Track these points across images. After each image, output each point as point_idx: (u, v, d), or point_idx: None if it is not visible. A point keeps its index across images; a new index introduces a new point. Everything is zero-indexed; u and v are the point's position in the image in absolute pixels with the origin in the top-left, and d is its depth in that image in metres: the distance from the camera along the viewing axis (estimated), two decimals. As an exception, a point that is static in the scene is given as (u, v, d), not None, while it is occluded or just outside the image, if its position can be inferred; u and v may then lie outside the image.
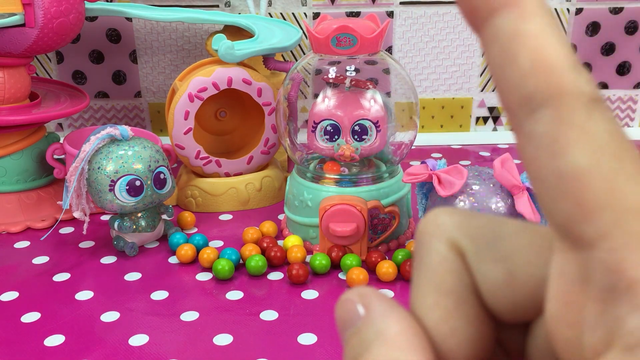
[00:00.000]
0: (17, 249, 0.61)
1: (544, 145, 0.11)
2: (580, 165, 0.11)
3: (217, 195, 0.68)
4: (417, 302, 0.14)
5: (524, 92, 0.12)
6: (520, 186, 0.47)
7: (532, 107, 0.12)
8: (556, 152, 0.11)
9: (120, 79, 0.88)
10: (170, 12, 0.71)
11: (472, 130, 0.93)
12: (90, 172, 0.56)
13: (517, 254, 0.13)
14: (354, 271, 0.53)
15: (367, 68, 0.59)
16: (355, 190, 0.58)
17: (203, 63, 0.68)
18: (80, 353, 0.46)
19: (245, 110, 0.73)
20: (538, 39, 0.11)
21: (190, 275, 0.56)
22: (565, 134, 0.11)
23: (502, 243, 0.13)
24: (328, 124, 0.58)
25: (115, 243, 0.60)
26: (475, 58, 0.89)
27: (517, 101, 0.12)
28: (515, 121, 0.12)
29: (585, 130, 0.11)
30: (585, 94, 0.11)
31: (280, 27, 0.71)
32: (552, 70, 0.11)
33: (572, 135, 0.11)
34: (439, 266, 0.14)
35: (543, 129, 0.11)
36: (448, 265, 0.14)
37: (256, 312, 0.51)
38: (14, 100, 0.65)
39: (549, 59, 0.11)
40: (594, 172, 0.11)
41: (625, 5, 0.86)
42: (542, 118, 0.11)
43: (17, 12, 0.60)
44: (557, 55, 0.11)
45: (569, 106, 0.11)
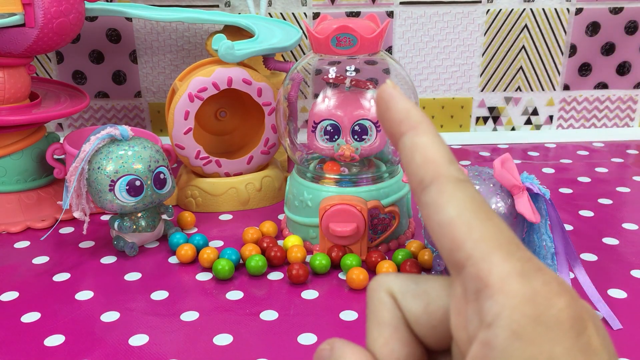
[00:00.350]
0: (17, 249, 0.61)
1: (431, 208, 0.18)
2: (451, 216, 0.17)
3: (217, 195, 0.68)
4: (367, 337, 0.20)
5: (419, 177, 0.18)
6: (520, 186, 0.47)
7: (424, 186, 0.18)
8: (437, 210, 0.18)
9: (120, 79, 0.88)
10: (170, 12, 0.71)
11: (472, 130, 0.93)
12: (90, 172, 0.56)
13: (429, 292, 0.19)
14: (354, 271, 0.53)
15: (367, 68, 0.59)
16: (355, 190, 0.58)
17: (203, 63, 0.68)
18: (80, 353, 0.46)
19: (245, 110, 0.73)
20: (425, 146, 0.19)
21: (190, 275, 0.56)
22: (442, 199, 0.18)
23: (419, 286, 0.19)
24: (328, 124, 0.58)
25: (115, 243, 0.60)
26: (475, 58, 0.89)
27: (416, 183, 0.18)
28: (417, 197, 0.19)
29: (453, 196, 0.18)
30: (454, 176, 0.18)
31: (280, 27, 0.71)
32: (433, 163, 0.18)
33: (445, 199, 0.18)
34: (379, 307, 0.19)
35: (430, 198, 0.18)
36: (385, 306, 0.19)
37: (256, 312, 0.51)
38: (14, 100, 0.65)
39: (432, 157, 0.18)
40: (459, 219, 0.17)
41: (625, 5, 0.86)
42: (430, 191, 0.18)
43: (17, 12, 0.60)
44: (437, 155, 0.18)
45: (443, 183, 0.18)
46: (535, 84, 0.91)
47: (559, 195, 0.72)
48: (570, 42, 0.88)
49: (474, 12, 0.86)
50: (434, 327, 0.19)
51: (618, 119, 0.94)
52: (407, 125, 0.19)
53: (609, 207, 0.68)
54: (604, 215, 0.66)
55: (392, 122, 0.19)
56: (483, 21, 0.87)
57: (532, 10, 0.86)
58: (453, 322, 0.18)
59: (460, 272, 0.17)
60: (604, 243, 0.60)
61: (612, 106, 0.93)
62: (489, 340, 0.16)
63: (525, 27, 0.87)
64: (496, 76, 0.90)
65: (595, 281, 0.52)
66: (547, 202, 0.48)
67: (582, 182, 0.75)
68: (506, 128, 0.93)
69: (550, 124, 0.93)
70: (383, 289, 0.20)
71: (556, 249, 0.49)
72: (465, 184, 0.18)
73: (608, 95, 0.92)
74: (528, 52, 0.89)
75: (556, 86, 0.91)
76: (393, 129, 0.19)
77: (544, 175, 0.77)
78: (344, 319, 0.50)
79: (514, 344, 0.15)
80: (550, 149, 0.87)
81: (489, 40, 0.88)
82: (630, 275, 0.55)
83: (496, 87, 0.91)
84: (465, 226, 0.17)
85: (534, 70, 0.90)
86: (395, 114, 0.19)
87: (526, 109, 0.92)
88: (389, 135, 0.20)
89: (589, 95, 0.92)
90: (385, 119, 0.20)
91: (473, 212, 0.17)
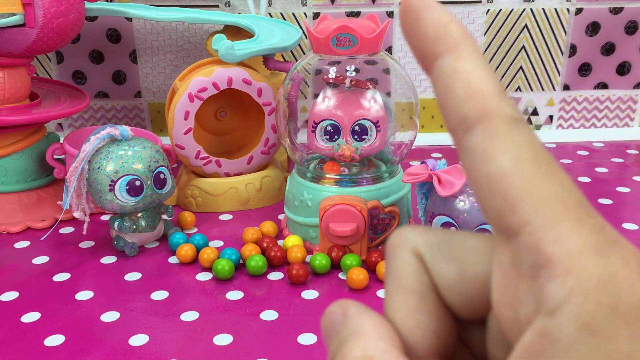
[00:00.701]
0: (17, 249, 0.61)
1: (476, 155, 0.14)
2: (504, 168, 0.14)
3: (217, 195, 0.68)
4: (387, 304, 0.16)
5: (460, 114, 0.15)
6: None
7: (467, 126, 0.14)
8: (486, 159, 0.14)
9: (120, 79, 0.88)
10: (170, 12, 0.71)
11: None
12: (90, 172, 0.56)
13: (466, 255, 0.16)
14: (354, 271, 0.53)
15: (367, 68, 0.59)
16: (355, 190, 0.58)
17: (203, 63, 0.68)
18: (80, 353, 0.46)
19: (245, 110, 0.73)
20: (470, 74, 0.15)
21: (190, 275, 0.56)
22: (492, 145, 0.14)
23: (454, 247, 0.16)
24: (328, 124, 0.58)
25: (115, 243, 0.60)
26: (475, 58, 0.89)
27: (456, 122, 0.15)
28: (456, 139, 0.15)
29: (507, 141, 0.14)
30: (507, 114, 0.14)
31: (280, 27, 0.71)
32: (480, 96, 0.14)
33: (497, 146, 0.14)
34: (403, 270, 0.16)
35: (475, 143, 0.14)
36: (410, 269, 0.16)
37: (256, 312, 0.51)
38: (14, 100, 0.65)
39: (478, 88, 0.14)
40: (515, 173, 0.14)
41: (625, 5, 0.86)
42: (475, 134, 0.14)
43: (17, 12, 0.60)
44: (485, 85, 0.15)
45: (494, 124, 0.14)
46: (535, 84, 0.91)
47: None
48: (570, 42, 0.88)
49: (474, 12, 0.86)
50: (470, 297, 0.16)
51: (618, 119, 0.94)
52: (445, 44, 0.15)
53: (609, 207, 0.68)
54: (604, 215, 0.66)
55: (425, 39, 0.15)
56: (483, 21, 0.87)
57: (532, 10, 0.86)
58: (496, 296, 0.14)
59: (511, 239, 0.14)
60: (604, 243, 0.60)
61: (612, 106, 0.93)
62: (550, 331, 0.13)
63: (525, 27, 0.87)
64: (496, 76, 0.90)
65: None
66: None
67: (582, 182, 0.75)
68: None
69: (550, 124, 0.93)
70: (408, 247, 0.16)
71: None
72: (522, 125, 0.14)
73: (608, 95, 0.92)
74: (528, 52, 0.89)
75: (556, 86, 0.91)
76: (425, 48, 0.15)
77: (544, 175, 0.77)
78: (344, 319, 0.49)
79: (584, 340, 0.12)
80: (550, 149, 0.87)
81: (489, 40, 0.88)
82: (630, 275, 0.55)
83: (496, 87, 0.90)
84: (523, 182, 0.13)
85: (534, 70, 0.90)
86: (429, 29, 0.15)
87: (526, 109, 0.92)
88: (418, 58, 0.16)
89: (589, 95, 0.92)
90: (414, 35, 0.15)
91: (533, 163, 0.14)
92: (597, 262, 0.13)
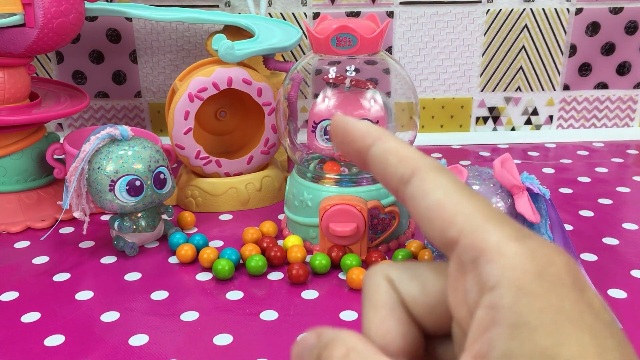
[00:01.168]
0: (17, 249, 0.61)
1: (417, 196, 0.18)
2: (438, 198, 0.18)
3: (217, 195, 0.68)
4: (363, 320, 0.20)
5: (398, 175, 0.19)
6: (520, 186, 0.47)
7: (405, 181, 0.19)
8: (424, 197, 0.18)
9: (120, 79, 0.88)
10: (170, 12, 0.72)
11: (472, 130, 0.93)
12: (90, 172, 0.56)
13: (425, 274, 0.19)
14: (354, 271, 0.53)
15: (367, 68, 0.59)
16: (355, 190, 0.58)
17: (203, 63, 0.68)
18: (80, 353, 0.46)
19: (245, 110, 0.73)
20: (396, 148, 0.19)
21: (190, 275, 0.56)
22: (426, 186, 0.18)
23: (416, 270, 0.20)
24: (328, 124, 0.58)
25: (115, 243, 0.60)
26: (475, 58, 0.89)
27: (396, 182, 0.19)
28: (400, 194, 0.19)
29: (436, 181, 0.18)
30: (434, 166, 0.19)
31: (280, 27, 0.71)
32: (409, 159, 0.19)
33: (430, 186, 0.18)
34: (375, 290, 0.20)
35: (414, 188, 0.18)
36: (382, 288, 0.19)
37: (256, 312, 0.51)
38: (14, 100, 0.65)
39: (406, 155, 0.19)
40: (447, 200, 0.18)
41: (625, 5, 0.86)
42: (412, 183, 0.19)
43: (17, 12, 0.60)
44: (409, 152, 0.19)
45: (424, 172, 0.18)
46: (535, 84, 0.91)
47: (559, 195, 0.72)
48: (570, 42, 0.88)
49: (474, 12, 0.86)
50: (432, 308, 0.19)
51: (618, 119, 0.94)
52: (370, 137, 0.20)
53: (609, 207, 0.68)
54: (604, 215, 0.66)
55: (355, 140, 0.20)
56: (483, 21, 0.87)
57: (532, 10, 0.86)
58: (451, 301, 0.18)
59: (453, 249, 0.17)
60: (604, 243, 0.60)
61: (612, 106, 0.93)
62: (494, 302, 0.16)
63: (525, 27, 0.87)
64: (496, 76, 0.90)
65: (595, 281, 0.52)
66: (547, 202, 0.48)
67: (582, 182, 0.75)
68: (506, 128, 0.93)
69: (550, 124, 0.93)
70: (380, 274, 0.20)
71: (556, 249, 0.49)
72: (445, 171, 0.19)
73: (608, 95, 0.92)
74: (528, 52, 0.89)
75: (556, 86, 0.91)
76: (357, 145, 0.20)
77: (544, 175, 0.77)
78: (344, 319, 0.50)
79: (521, 300, 0.15)
80: (550, 149, 0.87)
81: (489, 40, 0.88)
82: (630, 275, 0.55)
83: (496, 87, 0.91)
84: (455, 204, 0.18)
85: (534, 70, 0.90)
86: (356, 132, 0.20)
87: (526, 109, 0.92)
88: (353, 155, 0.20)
89: (589, 95, 0.92)
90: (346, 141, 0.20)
91: (459, 192, 0.18)
92: (519, 245, 0.16)
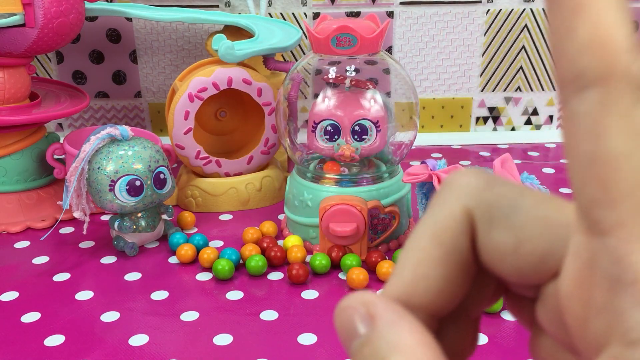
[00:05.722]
0: (17, 249, 0.61)
1: (584, 126, 0.11)
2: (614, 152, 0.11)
3: (217, 195, 0.68)
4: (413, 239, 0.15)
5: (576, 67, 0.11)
6: (520, 186, 0.47)
7: (581, 85, 0.11)
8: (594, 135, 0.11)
9: (120, 79, 0.88)
10: (170, 12, 0.71)
11: (472, 130, 0.93)
12: (90, 172, 0.56)
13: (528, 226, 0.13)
14: (354, 271, 0.53)
15: (367, 68, 0.59)
16: (355, 190, 0.58)
17: (203, 63, 0.68)
18: (80, 353, 0.46)
19: (245, 110, 0.73)
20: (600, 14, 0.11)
21: (190, 275, 0.56)
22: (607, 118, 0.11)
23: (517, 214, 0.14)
24: (328, 124, 0.58)
25: (115, 243, 0.60)
26: (475, 58, 0.89)
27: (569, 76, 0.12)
28: (563, 97, 0.12)
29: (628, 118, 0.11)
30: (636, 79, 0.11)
31: (280, 27, 0.71)
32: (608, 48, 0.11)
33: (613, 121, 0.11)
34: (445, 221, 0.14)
35: (586, 109, 0.11)
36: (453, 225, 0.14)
37: (256, 312, 0.51)
38: (14, 100, 0.65)
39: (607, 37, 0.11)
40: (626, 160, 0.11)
41: (625, 5, 0.86)
42: (588, 98, 0.11)
43: (17, 12, 0.60)
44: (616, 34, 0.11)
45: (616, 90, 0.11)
46: (535, 84, 0.91)
47: (559, 195, 0.71)
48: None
49: (474, 12, 0.86)
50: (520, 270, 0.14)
51: None
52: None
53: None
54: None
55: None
56: (483, 21, 0.87)
57: (532, 10, 0.86)
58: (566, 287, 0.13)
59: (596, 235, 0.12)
60: (604, 243, 0.60)
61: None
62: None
63: (525, 27, 0.87)
64: (496, 76, 0.90)
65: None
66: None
67: (582, 182, 0.75)
68: (506, 128, 0.93)
69: (550, 124, 0.93)
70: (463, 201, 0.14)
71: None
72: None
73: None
74: (528, 52, 0.89)
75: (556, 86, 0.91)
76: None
77: (544, 175, 0.77)
78: (344, 319, 0.49)
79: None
80: (550, 149, 0.87)
81: (489, 40, 0.88)
82: (630, 275, 0.55)
83: (496, 87, 0.91)
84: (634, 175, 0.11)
85: (534, 70, 0.90)
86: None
87: (526, 109, 0.92)
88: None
89: (589, 95, 0.92)
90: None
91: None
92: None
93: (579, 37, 0.11)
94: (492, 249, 0.14)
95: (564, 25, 0.11)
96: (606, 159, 0.11)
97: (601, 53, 0.11)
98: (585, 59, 0.11)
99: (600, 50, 0.11)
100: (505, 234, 0.14)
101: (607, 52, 0.11)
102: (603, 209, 0.11)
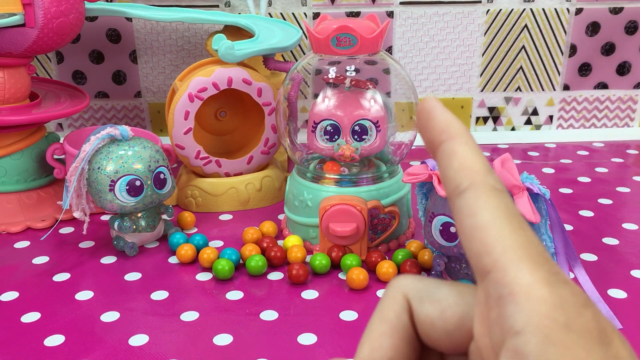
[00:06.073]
0: (17, 249, 0.61)
1: (465, 212, 0.18)
2: (484, 221, 0.18)
3: (217, 195, 0.68)
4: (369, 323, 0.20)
5: (455, 182, 0.19)
6: (520, 186, 0.47)
7: (460, 191, 0.18)
8: (471, 214, 0.18)
9: (120, 79, 0.88)
10: (170, 12, 0.72)
11: (472, 130, 0.93)
12: (90, 172, 0.56)
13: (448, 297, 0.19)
14: (354, 271, 0.53)
15: (367, 68, 0.59)
16: (355, 190, 0.58)
17: (203, 63, 0.68)
18: (80, 353, 0.46)
19: (245, 110, 0.73)
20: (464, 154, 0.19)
21: (190, 275, 0.56)
22: (477, 204, 0.18)
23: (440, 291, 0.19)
24: (328, 124, 0.58)
25: (115, 243, 0.60)
26: (475, 58, 0.89)
27: (452, 188, 0.19)
28: (451, 202, 0.19)
29: (488, 203, 0.18)
30: (490, 184, 0.18)
31: (280, 27, 0.71)
32: (471, 170, 0.19)
33: (480, 205, 0.18)
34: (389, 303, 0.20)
35: (465, 202, 0.18)
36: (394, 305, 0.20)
37: (256, 312, 0.51)
38: (14, 100, 0.65)
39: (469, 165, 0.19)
40: (491, 225, 0.17)
41: (625, 5, 0.86)
42: (465, 196, 0.18)
43: (17, 12, 0.60)
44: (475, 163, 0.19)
45: (480, 190, 0.18)
46: (535, 84, 0.91)
47: (559, 195, 0.72)
48: (570, 42, 0.88)
49: (474, 12, 0.86)
50: (448, 332, 0.19)
51: (618, 119, 0.94)
52: (447, 134, 0.20)
53: (609, 207, 0.68)
54: (604, 215, 0.66)
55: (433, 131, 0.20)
56: (483, 21, 0.87)
57: (532, 10, 0.86)
58: (476, 329, 0.18)
59: (484, 278, 0.17)
60: (604, 243, 0.60)
61: (612, 106, 0.93)
62: (519, 348, 0.15)
63: (525, 27, 0.87)
64: (496, 76, 0.90)
65: (595, 281, 0.52)
66: (547, 202, 0.48)
67: (582, 182, 0.75)
68: (506, 128, 0.93)
69: (550, 124, 0.93)
70: (400, 290, 0.20)
71: (556, 249, 0.49)
72: (502, 193, 0.18)
73: (608, 95, 0.92)
74: (528, 52, 0.89)
75: (556, 86, 0.91)
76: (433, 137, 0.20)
77: (544, 175, 0.77)
78: (344, 319, 0.49)
79: (548, 350, 0.15)
80: (550, 149, 0.87)
81: (489, 40, 0.88)
82: (630, 275, 0.55)
83: (496, 87, 0.91)
84: (497, 232, 0.17)
85: (534, 70, 0.90)
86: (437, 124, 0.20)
87: (526, 109, 0.92)
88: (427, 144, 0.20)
89: (589, 95, 0.92)
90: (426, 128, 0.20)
91: (507, 220, 0.17)
92: (550, 291, 0.16)
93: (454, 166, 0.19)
94: (424, 318, 0.19)
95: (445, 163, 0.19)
96: (480, 226, 0.18)
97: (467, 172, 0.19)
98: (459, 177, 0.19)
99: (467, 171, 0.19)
100: (432, 306, 0.19)
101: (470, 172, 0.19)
102: (484, 256, 0.17)
